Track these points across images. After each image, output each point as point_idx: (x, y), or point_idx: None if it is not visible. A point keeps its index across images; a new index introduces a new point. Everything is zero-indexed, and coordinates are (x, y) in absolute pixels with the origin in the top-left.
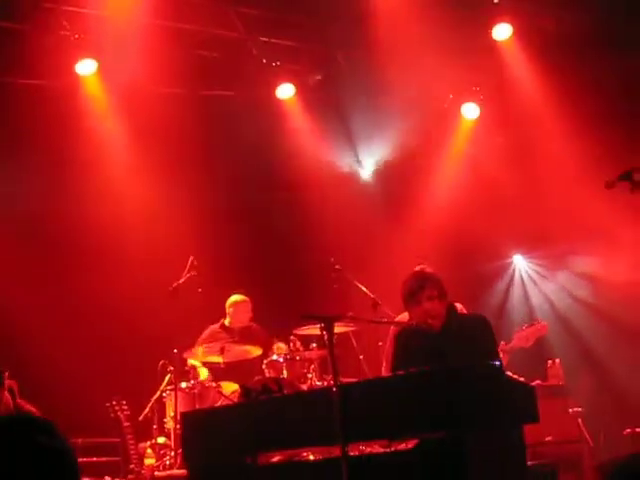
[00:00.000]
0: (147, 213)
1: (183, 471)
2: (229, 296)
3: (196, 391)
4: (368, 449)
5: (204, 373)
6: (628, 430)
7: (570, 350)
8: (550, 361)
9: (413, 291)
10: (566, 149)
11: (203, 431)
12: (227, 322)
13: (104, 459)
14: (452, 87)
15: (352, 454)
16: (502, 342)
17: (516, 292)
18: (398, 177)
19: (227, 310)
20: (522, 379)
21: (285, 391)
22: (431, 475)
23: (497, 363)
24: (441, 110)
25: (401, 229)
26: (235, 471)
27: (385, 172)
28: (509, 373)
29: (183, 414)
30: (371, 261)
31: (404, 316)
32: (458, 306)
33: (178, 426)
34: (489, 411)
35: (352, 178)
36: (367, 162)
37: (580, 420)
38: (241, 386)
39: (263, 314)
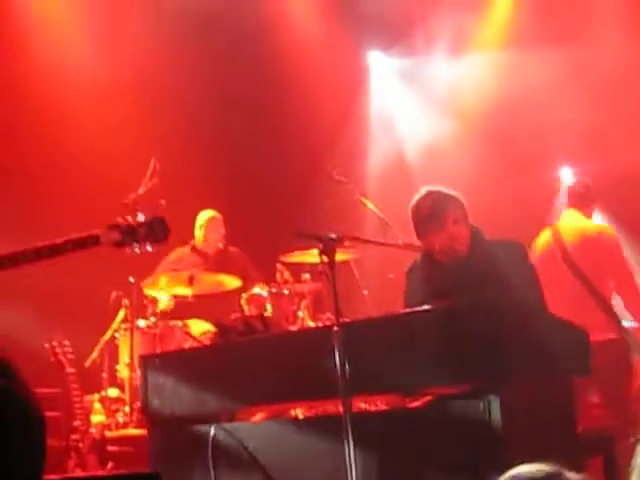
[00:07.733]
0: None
1: (140, 431)
2: (198, 213)
3: (157, 331)
4: (372, 406)
5: (164, 301)
6: None
7: None
8: None
9: (437, 212)
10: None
11: (169, 379)
12: (198, 244)
13: None
14: None
15: (355, 411)
16: None
17: None
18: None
19: (197, 229)
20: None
21: (273, 331)
22: (457, 438)
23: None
24: None
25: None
26: (207, 430)
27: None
28: None
29: (143, 357)
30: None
31: None
32: None
33: (134, 374)
34: (531, 358)
35: (360, 67)
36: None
37: None
38: (216, 324)
39: (241, 237)
